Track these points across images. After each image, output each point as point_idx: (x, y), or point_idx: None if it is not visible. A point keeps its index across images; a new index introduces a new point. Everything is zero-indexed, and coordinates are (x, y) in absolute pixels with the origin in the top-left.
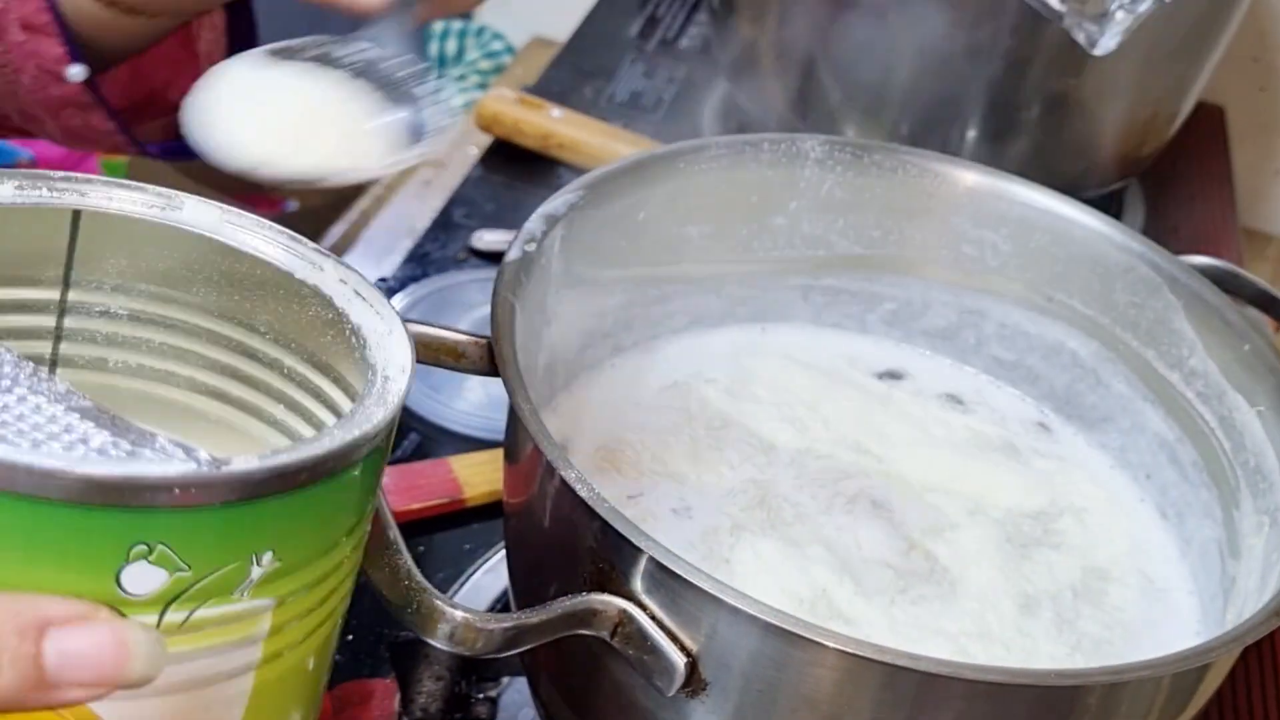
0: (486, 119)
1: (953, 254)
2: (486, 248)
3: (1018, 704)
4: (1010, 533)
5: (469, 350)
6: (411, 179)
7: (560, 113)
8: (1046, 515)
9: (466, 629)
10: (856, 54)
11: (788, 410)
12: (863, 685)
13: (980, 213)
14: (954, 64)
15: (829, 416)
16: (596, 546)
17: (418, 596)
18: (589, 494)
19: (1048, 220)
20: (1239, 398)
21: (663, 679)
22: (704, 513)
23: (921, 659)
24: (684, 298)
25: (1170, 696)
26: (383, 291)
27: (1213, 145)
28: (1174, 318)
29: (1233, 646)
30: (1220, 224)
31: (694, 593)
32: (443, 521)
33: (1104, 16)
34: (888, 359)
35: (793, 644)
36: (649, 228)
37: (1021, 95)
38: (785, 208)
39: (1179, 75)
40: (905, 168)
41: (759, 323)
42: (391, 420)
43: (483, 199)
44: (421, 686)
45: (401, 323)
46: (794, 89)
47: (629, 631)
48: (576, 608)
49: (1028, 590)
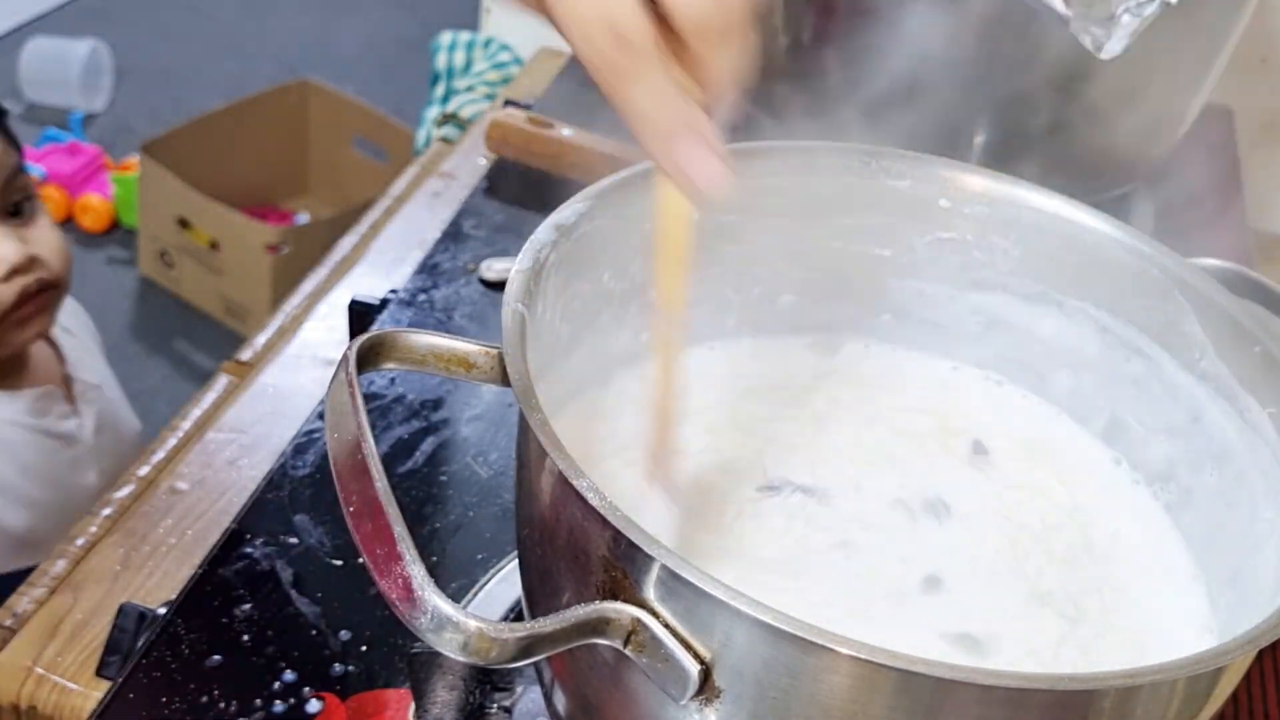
0: (496, 140)
1: (963, 260)
2: (496, 277)
3: (1032, 708)
4: (1017, 530)
5: (480, 360)
6: (421, 190)
7: (571, 131)
8: (1057, 513)
9: (480, 639)
10: (865, 61)
11: (789, 416)
12: (877, 691)
13: (990, 218)
14: (962, 70)
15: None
16: (609, 555)
17: (431, 606)
18: (601, 503)
19: (1058, 225)
20: (1251, 399)
21: (676, 687)
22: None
23: (935, 664)
24: (695, 305)
25: (1186, 699)
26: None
27: (1221, 147)
28: (1185, 320)
29: (1248, 648)
30: (1230, 226)
31: (707, 600)
32: (455, 531)
33: (1110, 20)
34: (889, 360)
35: (806, 651)
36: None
37: (1029, 100)
38: (794, 215)
39: (1187, 77)
40: (914, 174)
41: (766, 331)
42: None
43: (492, 210)
44: (436, 696)
45: None
46: (803, 96)
47: (642, 640)
48: (590, 616)
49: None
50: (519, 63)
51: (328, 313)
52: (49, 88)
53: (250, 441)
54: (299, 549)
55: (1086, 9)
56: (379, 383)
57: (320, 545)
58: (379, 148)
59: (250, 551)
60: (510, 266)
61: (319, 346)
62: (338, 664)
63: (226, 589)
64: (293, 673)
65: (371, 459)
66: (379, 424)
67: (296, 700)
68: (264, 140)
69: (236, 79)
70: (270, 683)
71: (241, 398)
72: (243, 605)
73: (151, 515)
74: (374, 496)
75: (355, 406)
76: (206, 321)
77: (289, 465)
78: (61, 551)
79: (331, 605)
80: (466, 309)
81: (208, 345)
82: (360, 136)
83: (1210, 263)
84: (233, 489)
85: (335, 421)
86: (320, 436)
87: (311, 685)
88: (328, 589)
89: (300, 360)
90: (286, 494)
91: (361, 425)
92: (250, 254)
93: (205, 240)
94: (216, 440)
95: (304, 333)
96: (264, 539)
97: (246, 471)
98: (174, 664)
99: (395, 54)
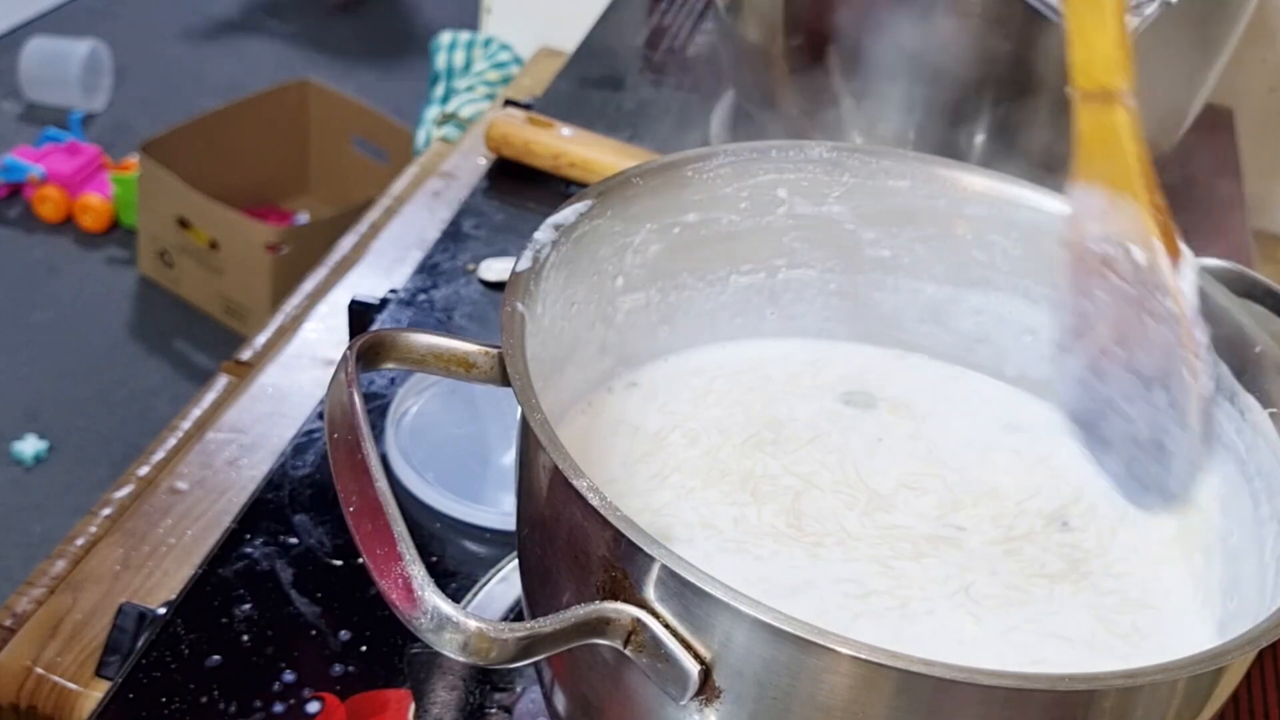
0: (496, 140)
1: (961, 259)
2: (496, 277)
3: (1033, 708)
4: (1013, 526)
5: (480, 360)
6: (421, 190)
7: (570, 131)
8: (1056, 509)
9: (480, 639)
10: (864, 60)
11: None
12: (877, 692)
13: (989, 217)
14: (960, 69)
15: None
16: (609, 555)
17: (431, 606)
18: (601, 503)
19: (1057, 224)
20: (1251, 399)
21: (676, 687)
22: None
23: (935, 665)
24: (694, 305)
25: (1186, 699)
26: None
27: (1222, 147)
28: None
29: (1248, 649)
30: (1230, 225)
31: (707, 600)
32: (455, 531)
33: None
34: (889, 362)
35: (806, 651)
36: (658, 236)
37: (1028, 99)
38: (793, 214)
39: (1187, 77)
40: (913, 173)
41: (770, 332)
42: None
43: (492, 210)
44: (436, 696)
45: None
46: (802, 96)
47: (642, 640)
48: (589, 617)
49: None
50: (519, 63)
51: (328, 313)
52: (49, 87)
53: (250, 441)
54: (299, 549)
55: None
56: (379, 383)
57: (320, 545)
58: (379, 148)
59: (250, 551)
60: (510, 266)
61: (319, 346)
62: (338, 664)
63: (226, 589)
64: (292, 673)
65: (371, 459)
66: (379, 424)
67: (296, 700)
68: (264, 140)
69: (236, 79)
70: (270, 683)
71: (241, 398)
72: (243, 605)
73: (151, 515)
74: (374, 496)
75: (355, 406)
76: (206, 321)
77: (289, 465)
78: (61, 551)
79: (331, 605)
80: (466, 309)
81: (207, 345)
82: (360, 136)
83: (1210, 263)
84: (233, 489)
85: (335, 421)
86: (320, 436)
87: (311, 685)
88: (328, 589)
89: (300, 360)
90: (286, 494)
91: (361, 425)
92: (250, 254)
93: (205, 240)
94: (216, 440)
95: (304, 333)
96: (264, 539)
97: (246, 471)
98: (174, 664)
99: (395, 54)
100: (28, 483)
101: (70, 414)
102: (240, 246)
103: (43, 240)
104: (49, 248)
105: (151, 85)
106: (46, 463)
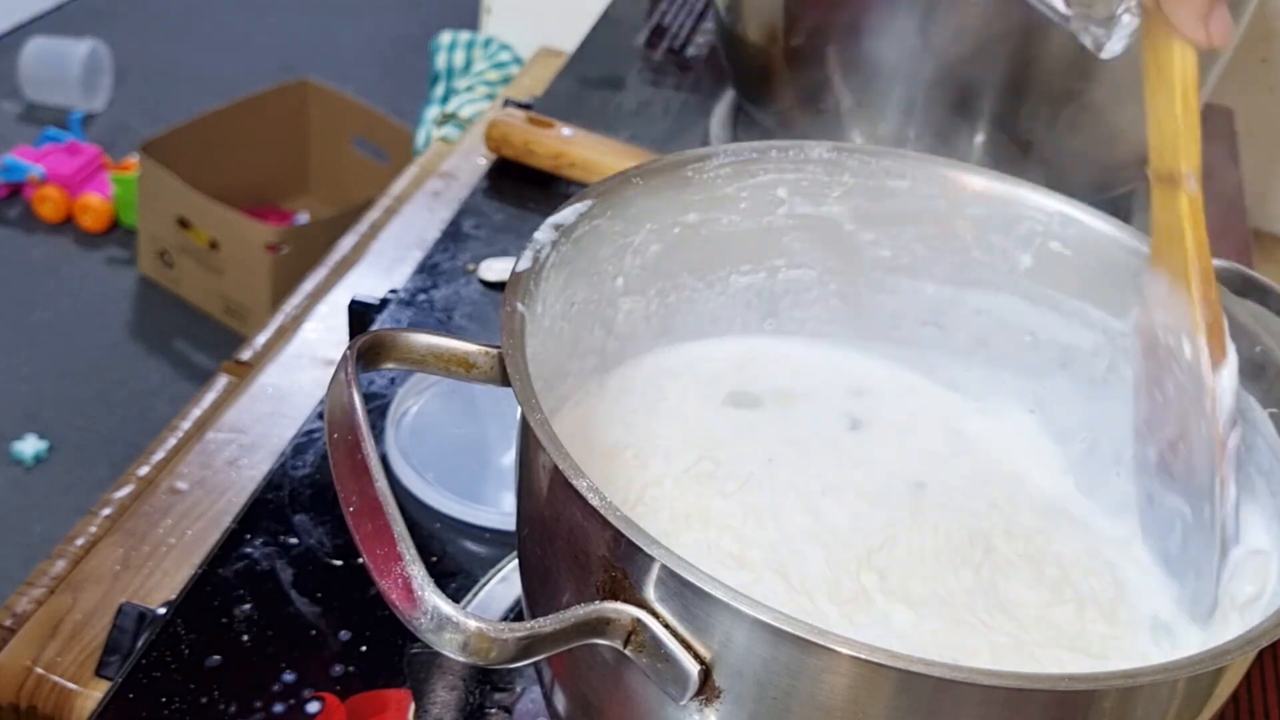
0: (496, 140)
1: (962, 260)
2: (496, 277)
3: (1032, 708)
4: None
5: (480, 360)
6: (421, 190)
7: (571, 131)
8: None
9: (480, 639)
10: (864, 60)
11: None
12: (877, 692)
13: (989, 218)
14: (961, 69)
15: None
16: (609, 555)
17: (431, 606)
18: (601, 503)
19: (1058, 225)
20: (1251, 399)
21: (676, 687)
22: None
23: (935, 665)
24: (694, 305)
25: (1186, 699)
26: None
27: (1221, 147)
28: None
29: (1248, 649)
30: (1229, 226)
31: (707, 600)
32: (455, 531)
33: (1110, 20)
34: (889, 362)
35: (806, 651)
36: (657, 236)
37: (1029, 100)
38: (793, 214)
39: None
40: (913, 173)
41: (769, 331)
42: None
43: (492, 210)
44: (436, 696)
45: None
46: (802, 96)
47: (642, 640)
48: (589, 617)
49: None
50: (519, 63)
51: (328, 313)
52: (49, 87)
53: (250, 441)
54: (299, 549)
55: (1086, 9)
56: (379, 383)
57: (320, 545)
58: (379, 148)
59: (250, 552)
60: (510, 266)
61: (319, 346)
62: (338, 664)
63: (226, 589)
64: (292, 673)
65: (371, 459)
66: (379, 424)
67: (296, 700)
68: (264, 140)
69: (236, 79)
70: (270, 683)
71: (241, 398)
72: (243, 605)
73: (151, 515)
74: (374, 496)
75: (355, 406)
76: (206, 321)
77: (289, 465)
78: (61, 551)
79: (331, 605)
80: (466, 309)
81: (207, 345)
82: (360, 136)
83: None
84: (233, 489)
85: (335, 422)
86: (320, 436)
87: (311, 685)
88: (328, 589)
89: (300, 360)
90: (286, 494)
91: (361, 425)
92: (250, 254)
93: (205, 240)
94: (216, 440)
95: (304, 333)
96: (264, 539)
97: (246, 471)
98: (174, 664)
99: (395, 54)
100: (28, 483)
101: (70, 414)
102: (240, 246)
103: (43, 240)
104: (49, 248)
105: (151, 85)
106: (46, 463)
